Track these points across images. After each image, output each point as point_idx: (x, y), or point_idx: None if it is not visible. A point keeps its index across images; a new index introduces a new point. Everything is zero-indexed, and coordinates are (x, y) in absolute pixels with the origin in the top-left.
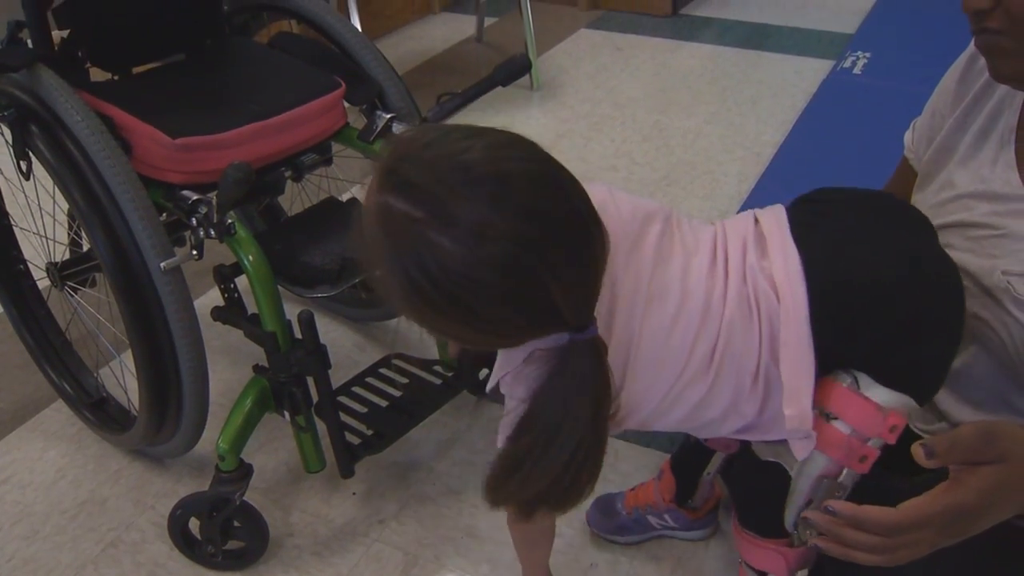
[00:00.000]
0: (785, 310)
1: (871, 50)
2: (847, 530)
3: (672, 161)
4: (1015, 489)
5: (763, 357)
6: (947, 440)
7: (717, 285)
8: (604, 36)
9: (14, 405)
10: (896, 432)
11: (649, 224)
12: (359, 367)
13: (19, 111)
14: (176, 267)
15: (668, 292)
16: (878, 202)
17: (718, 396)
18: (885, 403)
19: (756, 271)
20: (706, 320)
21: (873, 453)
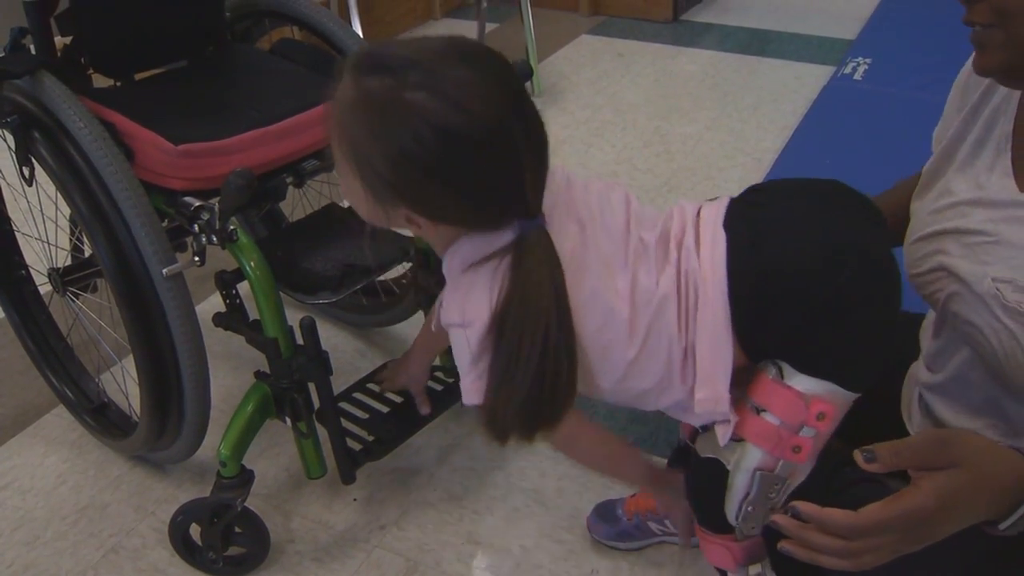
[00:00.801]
0: (705, 292)
1: (872, 56)
2: (811, 533)
3: (673, 167)
4: (972, 494)
5: (689, 338)
6: (893, 445)
7: (657, 261)
8: (605, 42)
9: (15, 410)
10: (825, 420)
11: (610, 192)
12: (360, 373)
13: (22, 117)
14: (178, 273)
15: (614, 257)
16: (816, 188)
17: (649, 367)
18: (807, 391)
19: (691, 253)
20: (641, 291)
21: (807, 443)
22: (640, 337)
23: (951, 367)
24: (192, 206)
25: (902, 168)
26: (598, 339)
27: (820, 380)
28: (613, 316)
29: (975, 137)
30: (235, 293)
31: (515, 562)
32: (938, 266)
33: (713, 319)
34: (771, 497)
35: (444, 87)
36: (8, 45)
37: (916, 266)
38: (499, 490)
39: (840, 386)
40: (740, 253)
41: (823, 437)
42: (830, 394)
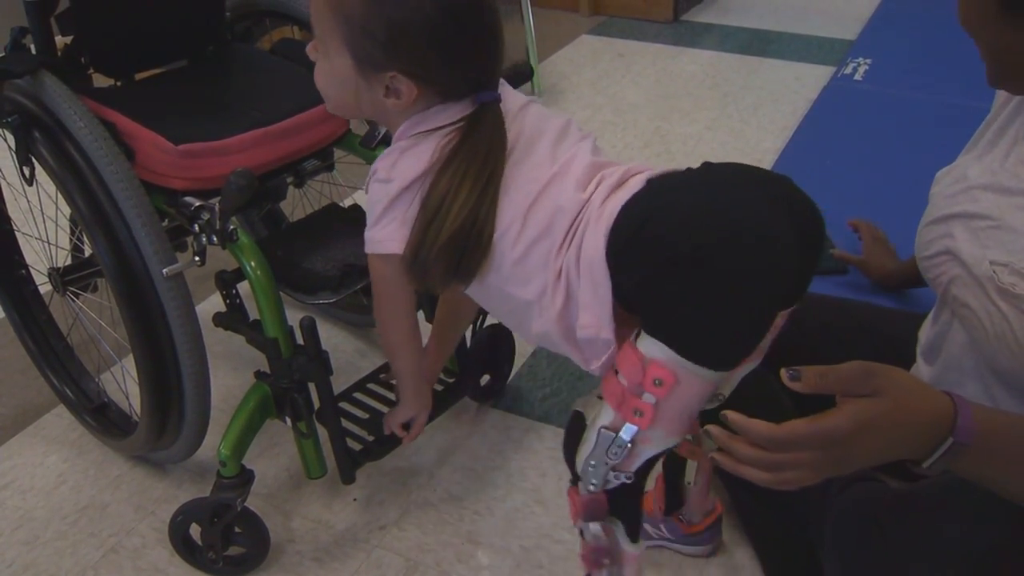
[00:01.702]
0: (597, 224)
1: (872, 56)
2: (737, 444)
3: (673, 167)
4: (890, 424)
5: (568, 259)
6: (820, 369)
7: (575, 182)
8: (605, 42)
9: (15, 410)
10: (663, 387)
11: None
12: (360, 373)
13: (23, 117)
14: (178, 273)
15: (544, 159)
16: (755, 174)
17: (530, 274)
18: (647, 353)
19: (604, 192)
20: (547, 195)
21: (648, 409)
22: (528, 239)
23: (945, 355)
24: (192, 206)
25: (902, 168)
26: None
27: (660, 343)
28: (515, 205)
29: (999, 124)
30: (235, 293)
31: (515, 562)
32: (944, 250)
33: (594, 248)
34: (610, 458)
35: None
36: (9, 44)
37: (925, 249)
38: (499, 490)
39: (679, 354)
40: (638, 199)
41: (668, 408)
42: (669, 360)
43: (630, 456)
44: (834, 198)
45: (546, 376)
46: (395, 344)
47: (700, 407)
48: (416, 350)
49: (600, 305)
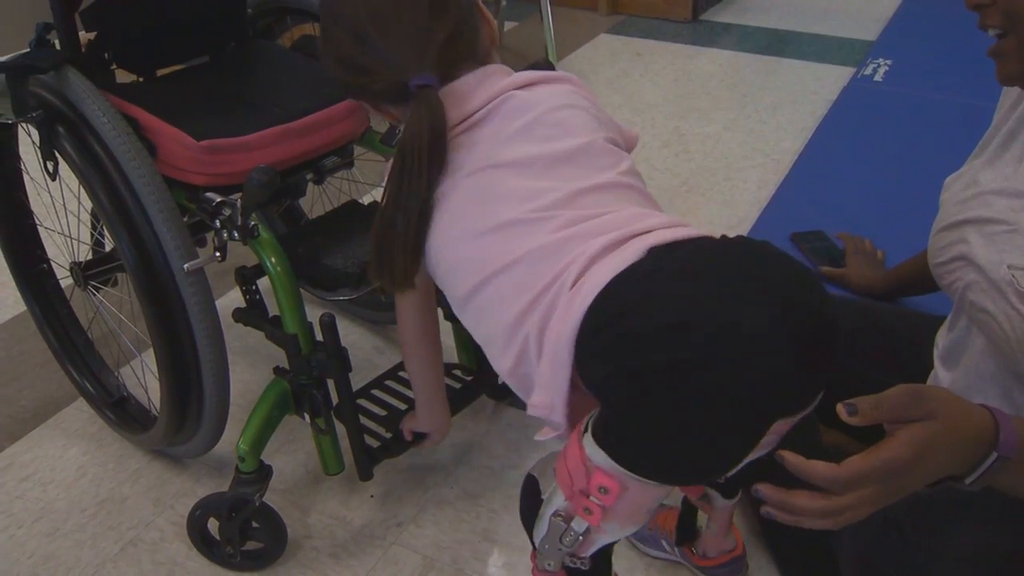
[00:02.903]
0: (569, 305)
1: (892, 57)
2: (794, 498)
3: (692, 167)
4: (945, 445)
5: (530, 326)
6: (873, 399)
7: (552, 225)
8: (624, 41)
9: (36, 403)
10: (608, 495)
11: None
12: (378, 370)
13: (47, 112)
14: (199, 268)
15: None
16: (752, 258)
17: (478, 318)
18: (591, 457)
19: (594, 250)
20: (513, 230)
21: (596, 508)
22: (483, 274)
23: (965, 361)
24: (214, 202)
25: (923, 170)
26: (460, 229)
27: (602, 452)
28: (482, 217)
29: (1008, 128)
30: (255, 289)
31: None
32: (959, 255)
33: (564, 329)
34: (564, 544)
35: None
36: (34, 40)
37: (938, 255)
38: (516, 489)
39: (621, 466)
40: (625, 279)
41: (618, 510)
42: (613, 470)
43: (584, 544)
44: (853, 199)
45: None
46: (408, 352)
47: (659, 502)
48: (430, 366)
49: (556, 388)
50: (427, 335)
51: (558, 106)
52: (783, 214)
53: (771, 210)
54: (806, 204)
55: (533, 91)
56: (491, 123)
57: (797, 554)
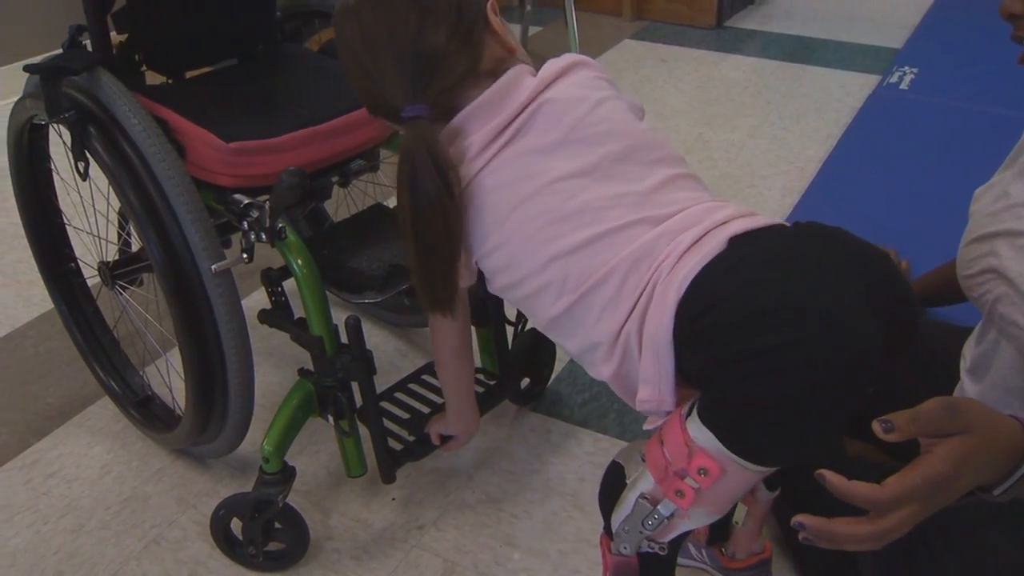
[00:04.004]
0: (662, 301)
1: (919, 65)
2: (835, 526)
3: (716, 174)
4: (982, 457)
5: (630, 326)
6: (909, 414)
7: (641, 229)
8: (648, 47)
9: (61, 400)
10: (708, 478)
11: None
12: (401, 373)
13: (79, 113)
14: (226, 270)
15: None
16: (834, 242)
17: (572, 330)
18: (696, 439)
19: (680, 249)
20: (603, 242)
21: (689, 492)
22: (574, 292)
23: (993, 374)
24: (242, 203)
25: (949, 180)
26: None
27: (710, 433)
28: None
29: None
30: (281, 290)
31: (552, 566)
32: (988, 268)
33: (660, 325)
34: (646, 528)
35: None
36: (67, 42)
37: (968, 268)
38: (537, 494)
39: (731, 451)
40: (710, 271)
41: (712, 494)
42: (717, 452)
43: (666, 529)
44: (878, 208)
45: (586, 380)
46: (441, 359)
47: (747, 490)
48: (462, 378)
49: (663, 382)
50: (463, 350)
51: (595, 102)
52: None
53: (795, 218)
54: (830, 212)
55: (563, 87)
56: (532, 133)
57: (821, 563)
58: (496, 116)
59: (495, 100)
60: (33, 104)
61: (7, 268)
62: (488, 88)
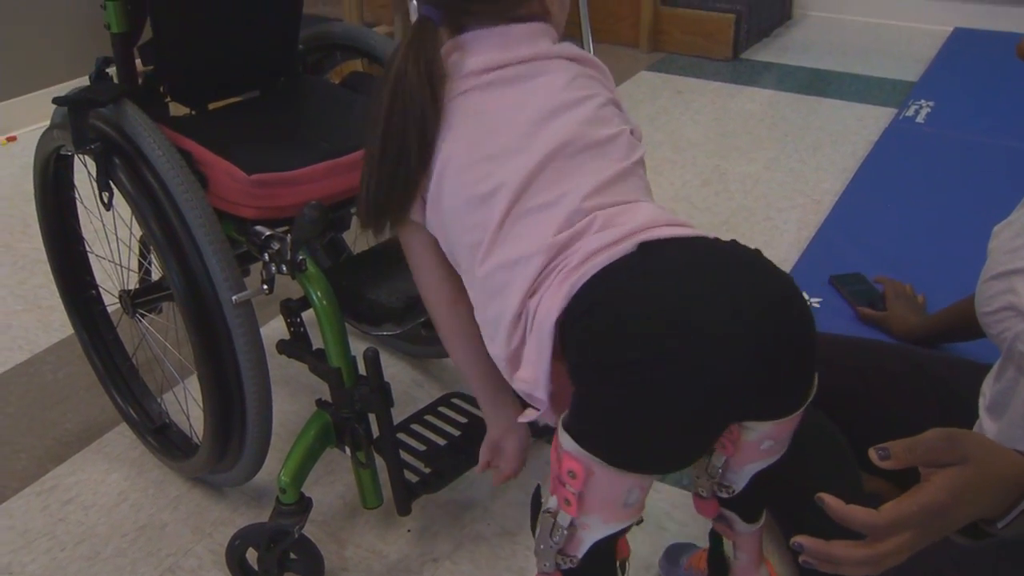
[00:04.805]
0: (557, 289)
1: (935, 99)
2: (834, 548)
3: (732, 207)
4: (982, 487)
5: (530, 305)
6: (906, 443)
7: (572, 218)
8: (664, 79)
9: (80, 426)
10: (576, 480)
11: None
12: (417, 404)
13: (104, 144)
14: (246, 300)
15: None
16: (732, 264)
17: (486, 299)
18: (562, 443)
19: (595, 245)
20: (531, 220)
21: (571, 497)
22: (497, 261)
23: (1012, 412)
24: (263, 235)
25: (966, 214)
26: (460, 200)
27: (568, 435)
28: (482, 210)
29: None
30: (300, 321)
31: None
32: (1007, 305)
33: (548, 311)
34: (554, 541)
35: None
36: (94, 73)
37: (987, 305)
38: None
39: (584, 448)
40: (606, 274)
41: (592, 499)
42: (577, 453)
43: (572, 541)
44: (895, 242)
45: None
46: (444, 334)
47: (640, 497)
48: (469, 339)
49: (540, 363)
50: (459, 301)
51: (601, 103)
52: (823, 256)
53: (811, 252)
54: (847, 246)
55: (566, 67)
56: (537, 81)
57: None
58: (503, 52)
59: (509, 38)
60: (60, 135)
61: (28, 293)
62: (508, 24)
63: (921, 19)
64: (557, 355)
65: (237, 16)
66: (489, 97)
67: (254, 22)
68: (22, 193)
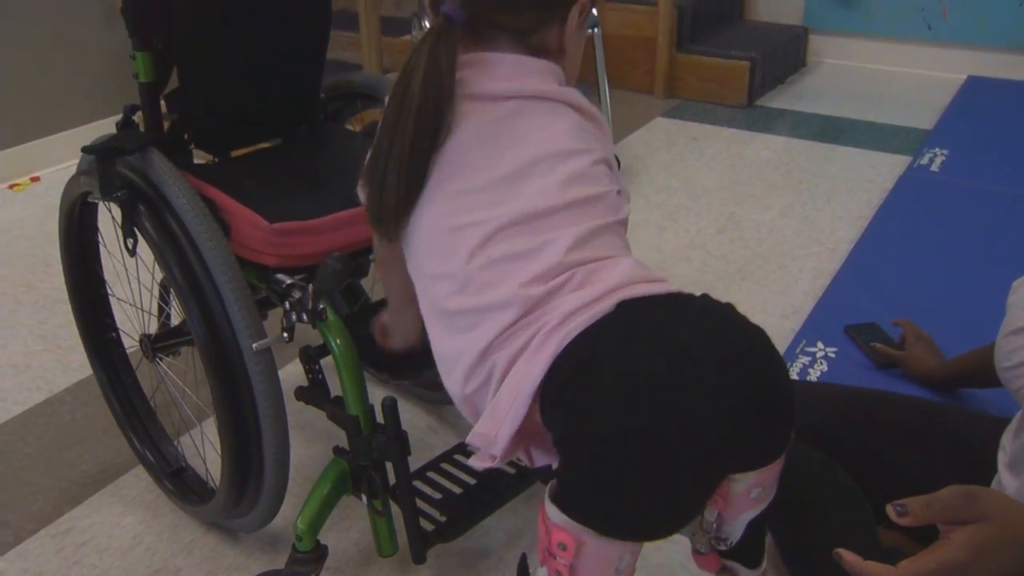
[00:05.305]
0: (539, 353)
1: (949, 147)
2: None
3: (747, 254)
4: (1002, 546)
5: (500, 357)
6: (924, 499)
7: (552, 271)
8: (679, 125)
9: (96, 468)
10: (567, 552)
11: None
12: (432, 450)
13: (130, 192)
14: (267, 348)
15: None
16: (708, 323)
17: (447, 331)
18: (550, 515)
19: (573, 304)
20: (507, 267)
21: (563, 568)
22: (467, 299)
23: None
24: (284, 283)
25: (982, 263)
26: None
27: (555, 507)
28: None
29: None
30: (318, 368)
31: None
32: None
33: (528, 376)
34: None
35: None
36: (121, 121)
37: (1006, 359)
38: None
39: (573, 520)
40: (585, 339)
41: (584, 569)
42: (567, 524)
43: None
44: (911, 292)
45: None
46: (388, 291)
47: (631, 561)
48: (404, 296)
49: (507, 425)
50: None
51: (595, 160)
52: (838, 305)
53: (826, 301)
54: (862, 295)
55: (566, 116)
56: (523, 120)
57: None
58: (510, 82)
59: (520, 68)
60: (87, 181)
61: (48, 333)
62: (520, 54)
63: (934, 67)
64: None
65: (263, 65)
66: (486, 127)
67: (279, 71)
68: (45, 233)
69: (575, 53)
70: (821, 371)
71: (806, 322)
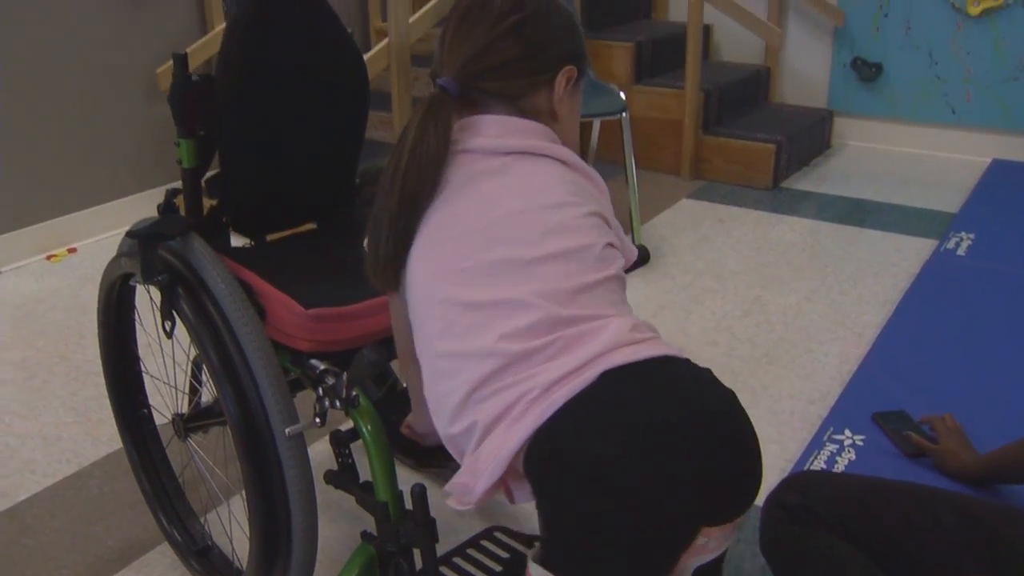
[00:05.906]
0: (523, 421)
1: (975, 231)
2: None
3: (773, 338)
4: None
5: (485, 413)
6: None
7: (538, 328)
8: (706, 207)
9: (122, 544)
10: None
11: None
12: (458, 534)
13: (171, 276)
14: (299, 433)
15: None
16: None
17: (437, 378)
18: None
19: (559, 371)
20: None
21: None
22: (453, 344)
23: None
24: (318, 369)
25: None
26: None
27: (542, 570)
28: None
29: None
30: (348, 452)
31: None
32: None
33: (510, 442)
34: None
35: None
36: (163, 205)
37: None
38: None
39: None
40: (568, 411)
41: None
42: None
43: None
44: (939, 378)
45: None
46: (401, 361)
47: None
48: None
49: (482, 483)
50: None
51: (585, 212)
52: (866, 391)
53: (853, 387)
54: (889, 382)
55: (559, 173)
56: (511, 172)
57: None
58: (499, 139)
59: (508, 127)
60: (128, 263)
61: (79, 405)
62: (512, 115)
63: (959, 150)
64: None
65: (305, 153)
66: (475, 178)
67: (320, 158)
68: (79, 304)
69: (569, 119)
70: (849, 460)
71: (833, 409)
